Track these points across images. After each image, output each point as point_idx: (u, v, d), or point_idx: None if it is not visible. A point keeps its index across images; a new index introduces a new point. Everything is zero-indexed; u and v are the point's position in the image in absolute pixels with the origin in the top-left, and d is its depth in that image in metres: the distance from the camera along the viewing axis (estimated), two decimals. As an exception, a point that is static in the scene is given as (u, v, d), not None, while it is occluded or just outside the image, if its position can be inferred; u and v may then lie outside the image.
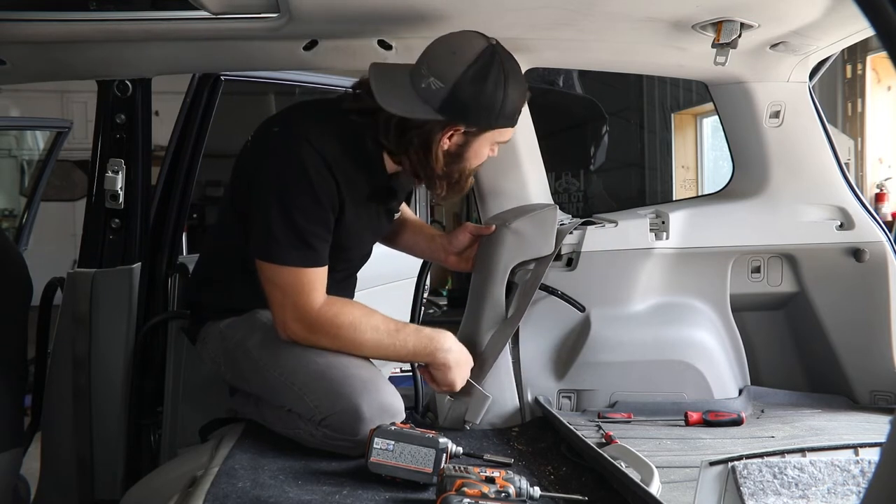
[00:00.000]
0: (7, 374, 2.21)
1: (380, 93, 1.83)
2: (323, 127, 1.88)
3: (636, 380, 2.26)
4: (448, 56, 1.81)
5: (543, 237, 2.18)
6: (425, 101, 1.81)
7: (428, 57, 1.83)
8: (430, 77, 1.80)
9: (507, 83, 1.82)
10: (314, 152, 1.82)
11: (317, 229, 1.85)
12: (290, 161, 1.82)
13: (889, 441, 0.77)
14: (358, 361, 1.93)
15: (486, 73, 1.80)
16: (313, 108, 2.01)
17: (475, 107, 1.82)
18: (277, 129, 1.89)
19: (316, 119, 1.92)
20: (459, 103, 1.80)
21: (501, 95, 1.82)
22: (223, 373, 2.07)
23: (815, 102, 2.35)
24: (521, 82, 1.89)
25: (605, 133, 6.98)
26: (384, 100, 1.82)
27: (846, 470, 1.80)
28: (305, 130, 1.86)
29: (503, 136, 1.94)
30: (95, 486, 2.36)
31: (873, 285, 2.34)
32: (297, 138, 1.84)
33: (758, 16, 1.91)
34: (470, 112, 1.83)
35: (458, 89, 1.79)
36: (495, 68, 1.80)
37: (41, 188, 4.98)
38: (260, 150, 1.91)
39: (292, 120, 1.93)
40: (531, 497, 1.54)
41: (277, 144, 1.86)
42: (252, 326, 2.00)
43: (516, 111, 1.90)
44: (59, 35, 2.03)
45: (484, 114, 1.84)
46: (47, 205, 5.66)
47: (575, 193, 7.28)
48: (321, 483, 1.68)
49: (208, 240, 2.23)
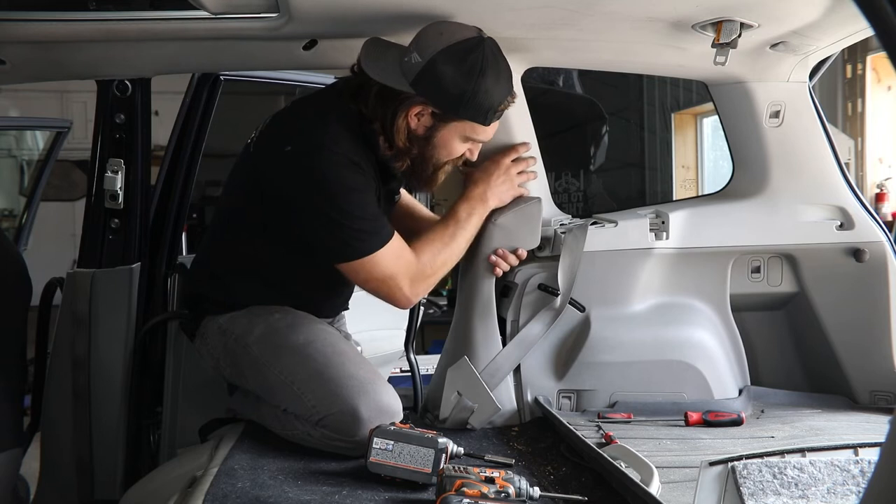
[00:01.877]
0: (7, 374, 2.21)
1: (366, 59, 1.87)
2: (329, 126, 1.88)
3: (636, 380, 2.26)
4: (435, 35, 1.83)
5: (529, 231, 2.17)
6: (402, 74, 1.83)
7: (418, 35, 1.86)
8: (413, 52, 1.83)
9: (483, 75, 1.81)
10: (337, 157, 1.84)
11: (374, 212, 1.90)
12: (322, 174, 1.84)
13: (889, 441, 0.77)
14: (357, 360, 1.94)
15: (463, 58, 1.80)
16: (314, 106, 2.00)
17: (442, 88, 1.82)
18: (290, 148, 1.87)
19: (320, 120, 1.91)
20: (430, 80, 1.81)
21: (473, 85, 1.81)
22: (221, 368, 2.06)
23: (815, 102, 2.35)
24: (501, 82, 1.87)
25: (605, 133, 6.98)
26: (368, 66, 1.86)
27: (846, 470, 1.80)
28: (316, 138, 1.86)
29: (475, 133, 1.92)
30: (95, 486, 2.36)
31: (873, 285, 2.34)
32: (315, 151, 1.84)
33: (758, 16, 1.91)
34: (438, 92, 1.83)
35: (431, 65, 1.80)
36: (475, 56, 1.80)
37: (41, 188, 4.97)
38: (284, 173, 1.88)
39: (299, 130, 1.90)
40: (531, 497, 1.54)
41: (298, 162, 1.86)
42: (252, 322, 2.00)
43: (490, 108, 1.87)
44: (59, 35, 2.03)
45: (451, 98, 1.83)
46: (47, 205, 5.65)
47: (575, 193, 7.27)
48: (321, 483, 1.68)
49: (209, 236, 2.23)
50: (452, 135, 1.90)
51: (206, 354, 2.09)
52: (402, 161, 1.94)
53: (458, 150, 1.94)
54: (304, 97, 2.06)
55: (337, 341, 2.00)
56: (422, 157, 1.93)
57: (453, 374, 2.09)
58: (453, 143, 1.92)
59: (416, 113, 1.87)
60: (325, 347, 1.94)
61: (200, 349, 2.11)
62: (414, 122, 1.88)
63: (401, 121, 1.87)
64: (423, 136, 1.90)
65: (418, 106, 1.85)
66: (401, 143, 1.89)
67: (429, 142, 1.90)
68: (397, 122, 1.87)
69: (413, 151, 1.91)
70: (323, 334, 1.99)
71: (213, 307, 2.06)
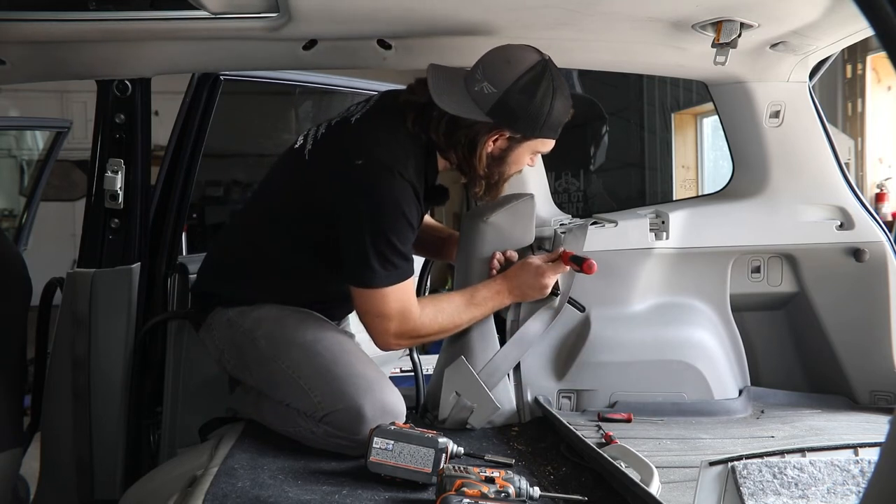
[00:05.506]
0: (7, 374, 2.21)
1: (435, 90, 1.90)
2: (401, 147, 1.92)
3: (636, 380, 2.26)
4: (503, 64, 1.89)
5: (522, 228, 2.18)
6: (476, 104, 1.89)
7: (483, 63, 1.91)
8: (483, 81, 1.88)
9: (554, 96, 1.91)
10: (404, 183, 1.88)
11: (408, 248, 1.93)
12: (385, 197, 1.87)
13: (889, 441, 0.77)
14: (364, 359, 1.96)
15: (536, 84, 1.88)
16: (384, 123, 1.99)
17: (523, 115, 1.90)
18: (362, 162, 1.88)
19: (392, 139, 1.93)
20: (508, 109, 1.88)
21: (548, 107, 1.91)
22: (225, 361, 2.07)
23: (815, 102, 2.35)
24: (567, 98, 1.96)
25: (605, 133, 6.98)
26: (439, 97, 1.89)
27: (846, 470, 1.80)
28: (390, 160, 1.88)
29: (545, 146, 2.02)
30: (95, 485, 2.36)
31: (873, 285, 2.34)
32: (386, 171, 1.87)
33: (758, 16, 1.91)
34: (517, 119, 1.90)
35: (508, 96, 1.87)
36: (546, 81, 1.89)
37: (41, 188, 4.97)
38: (348, 183, 1.90)
39: (374, 147, 1.91)
40: (531, 497, 1.54)
41: (368, 178, 1.87)
42: (261, 317, 2.01)
43: (560, 123, 1.97)
44: (59, 35, 2.03)
45: (530, 122, 1.91)
46: (47, 205, 5.65)
47: (575, 193, 7.27)
48: (321, 483, 1.68)
49: (231, 232, 2.25)
50: (525, 151, 2.00)
51: (210, 346, 2.10)
52: (479, 185, 2.01)
53: (526, 162, 2.05)
54: (369, 110, 2.04)
55: (344, 340, 2.03)
56: (497, 175, 2.01)
57: (451, 375, 2.09)
58: (524, 157, 2.02)
59: (494, 139, 1.94)
60: (333, 345, 1.96)
61: (206, 340, 2.12)
62: (491, 147, 1.96)
63: (480, 148, 1.94)
64: (498, 157, 1.98)
65: (496, 133, 1.93)
66: (481, 170, 1.97)
67: (504, 161, 1.99)
68: (478, 153, 1.94)
69: (491, 173, 1.99)
70: (331, 333, 2.02)
71: (223, 301, 2.07)
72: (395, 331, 1.94)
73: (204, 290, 2.16)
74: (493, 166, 1.99)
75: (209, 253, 2.27)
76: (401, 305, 1.92)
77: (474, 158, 1.95)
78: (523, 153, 2.00)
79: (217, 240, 2.33)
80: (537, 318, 2.17)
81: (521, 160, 2.02)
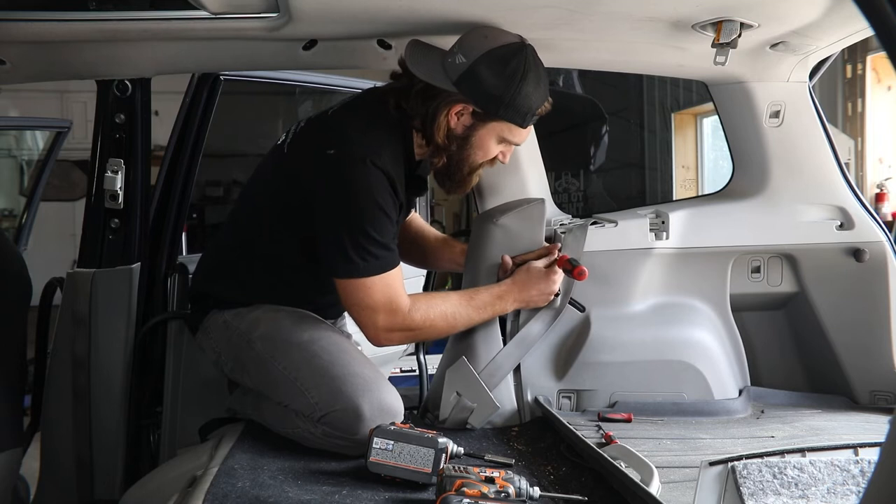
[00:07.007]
0: (7, 374, 2.21)
1: (411, 59, 1.91)
2: (375, 136, 1.91)
3: (636, 380, 2.26)
4: (479, 38, 1.89)
5: (531, 231, 2.18)
6: (446, 73, 1.88)
7: (463, 38, 1.91)
8: (457, 53, 1.88)
9: (524, 78, 1.87)
10: (377, 172, 1.86)
11: (388, 238, 1.90)
12: (358, 186, 1.85)
13: (889, 441, 0.77)
14: (361, 359, 1.95)
15: (506, 61, 1.86)
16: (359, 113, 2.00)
17: (485, 88, 1.87)
18: (333, 152, 1.88)
19: (367, 128, 1.93)
20: (473, 80, 1.86)
21: (515, 88, 1.87)
22: (223, 363, 2.07)
23: (815, 102, 2.35)
24: (541, 86, 1.92)
25: (605, 133, 6.98)
26: (412, 65, 1.91)
27: (846, 470, 1.80)
28: (361, 149, 1.87)
29: (512, 134, 1.97)
30: (95, 486, 2.36)
31: (873, 285, 2.34)
32: (359, 161, 1.85)
33: (758, 16, 1.91)
34: (480, 92, 1.87)
35: (475, 66, 1.86)
36: (516, 60, 1.87)
37: (41, 188, 4.97)
38: (321, 174, 1.89)
39: (346, 137, 1.91)
40: (531, 497, 1.54)
41: (339, 168, 1.87)
42: (258, 318, 2.01)
43: (529, 110, 1.92)
44: (59, 35, 2.03)
45: (493, 99, 1.88)
46: (47, 205, 5.65)
47: (575, 193, 7.27)
48: (321, 483, 1.68)
49: (223, 232, 2.24)
50: (490, 135, 1.96)
51: (207, 349, 2.10)
52: (439, 158, 1.98)
53: (493, 151, 1.99)
54: (346, 103, 2.05)
55: (341, 340, 2.02)
56: (459, 156, 1.98)
57: (452, 375, 2.10)
58: (490, 143, 1.97)
59: (457, 111, 1.92)
60: (331, 346, 1.95)
61: (202, 343, 2.11)
62: (454, 121, 1.93)
63: (442, 117, 1.92)
64: (461, 134, 1.95)
65: (460, 105, 1.91)
66: (440, 139, 1.94)
67: (467, 141, 1.96)
68: (438, 119, 1.92)
69: (451, 149, 1.96)
70: (328, 333, 2.01)
71: (219, 302, 2.07)
72: (384, 324, 1.91)
73: (199, 290, 2.16)
74: (454, 141, 1.95)
75: (204, 254, 2.27)
76: (386, 297, 1.89)
77: (434, 126, 1.92)
78: (487, 136, 1.95)
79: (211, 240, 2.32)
80: (539, 318, 2.17)
81: (486, 145, 1.97)
